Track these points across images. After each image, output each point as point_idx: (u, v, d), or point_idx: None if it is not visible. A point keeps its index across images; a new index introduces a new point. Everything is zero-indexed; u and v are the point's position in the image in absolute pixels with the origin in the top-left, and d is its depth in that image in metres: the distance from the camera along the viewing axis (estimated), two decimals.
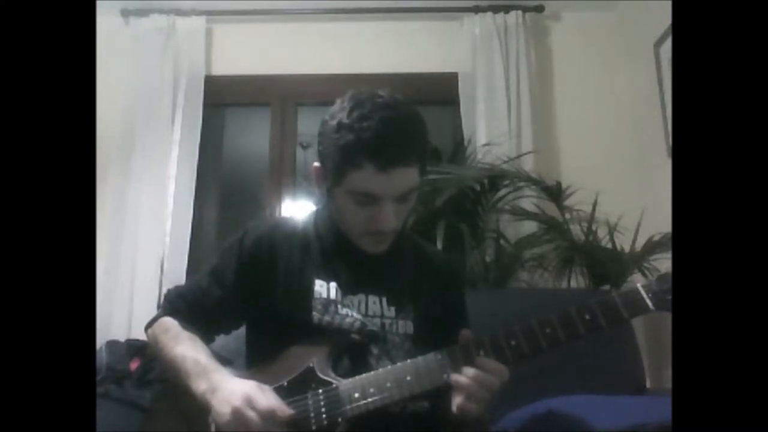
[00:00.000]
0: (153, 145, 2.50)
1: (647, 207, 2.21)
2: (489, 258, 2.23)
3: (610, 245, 2.15)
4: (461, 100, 2.61)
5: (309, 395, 0.98)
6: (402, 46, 2.74)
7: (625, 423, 1.08)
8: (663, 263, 1.99)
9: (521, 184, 2.27)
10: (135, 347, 1.85)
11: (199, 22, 2.66)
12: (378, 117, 0.96)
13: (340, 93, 1.05)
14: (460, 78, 2.63)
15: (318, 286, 1.07)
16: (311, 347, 1.03)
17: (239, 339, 1.17)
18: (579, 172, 2.48)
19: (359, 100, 0.99)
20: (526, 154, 2.46)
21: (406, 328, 1.09)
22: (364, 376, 0.98)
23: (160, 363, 1.18)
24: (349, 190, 1.00)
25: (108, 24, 2.54)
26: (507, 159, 2.36)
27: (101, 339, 1.99)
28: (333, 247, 1.12)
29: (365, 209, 1.01)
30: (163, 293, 1.37)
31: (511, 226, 2.39)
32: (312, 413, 0.96)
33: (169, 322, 1.10)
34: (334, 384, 0.98)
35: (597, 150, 2.60)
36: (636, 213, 2.18)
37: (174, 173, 2.49)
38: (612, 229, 2.16)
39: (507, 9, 2.65)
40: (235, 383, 0.95)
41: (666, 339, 2.07)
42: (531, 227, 2.36)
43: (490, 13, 2.65)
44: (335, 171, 1.00)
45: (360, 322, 1.06)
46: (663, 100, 2.29)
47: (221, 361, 1.04)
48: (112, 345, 1.90)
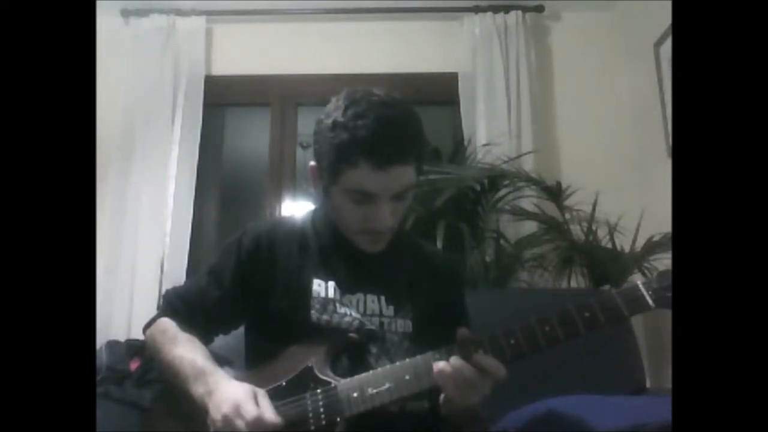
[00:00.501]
0: (153, 145, 2.50)
1: (647, 207, 2.21)
2: (489, 258, 2.23)
3: (610, 245, 2.15)
4: (461, 100, 2.61)
5: (307, 395, 0.98)
6: (402, 46, 2.74)
7: (625, 423, 1.07)
8: (663, 263, 1.98)
9: (521, 184, 2.27)
10: (135, 347, 1.85)
11: (199, 22, 2.66)
12: (373, 115, 0.95)
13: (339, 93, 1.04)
14: (460, 78, 2.63)
15: (316, 285, 1.07)
16: (310, 347, 1.03)
17: (239, 338, 1.17)
18: (579, 172, 2.49)
19: (354, 98, 0.99)
20: (526, 154, 2.46)
21: (404, 327, 1.08)
22: (362, 375, 0.98)
23: (158, 364, 1.18)
24: (345, 188, 1.00)
25: (108, 24, 2.54)
26: (507, 159, 2.36)
27: (101, 339, 1.99)
28: (331, 247, 1.12)
29: (362, 208, 1.01)
30: (162, 294, 1.36)
31: (511, 226, 2.39)
32: (310, 413, 0.96)
33: (168, 323, 1.10)
34: (332, 384, 0.98)
35: (597, 150, 2.60)
36: (636, 213, 2.18)
37: (174, 173, 2.50)
38: (612, 229, 2.16)
39: (507, 9, 2.65)
40: (230, 387, 0.95)
41: (666, 338, 2.07)
42: (531, 227, 2.36)
43: (490, 13, 2.65)
44: (331, 170, 1.00)
45: (358, 321, 1.05)
46: (663, 100, 2.29)
47: (221, 361, 1.04)
48: (112, 345, 1.90)
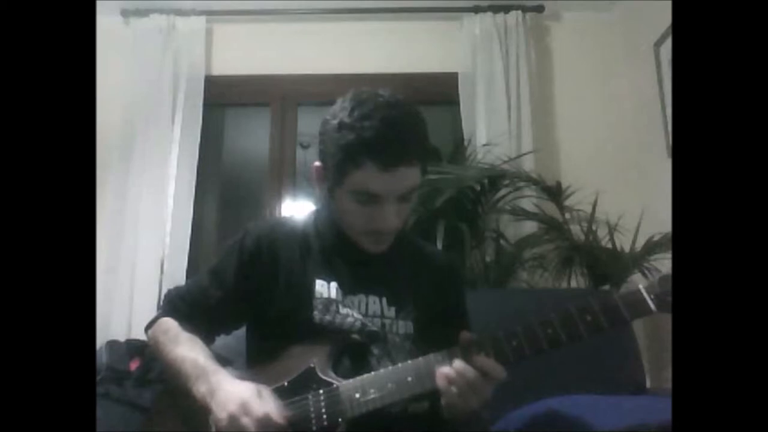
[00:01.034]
0: (153, 145, 2.50)
1: (647, 207, 2.22)
2: (489, 258, 2.24)
3: (610, 245, 2.14)
4: (461, 100, 2.61)
5: (309, 395, 0.98)
6: (402, 46, 2.74)
7: (625, 423, 1.07)
8: (663, 263, 1.98)
9: (521, 184, 2.27)
10: (135, 347, 1.85)
11: (199, 22, 2.66)
12: (379, 116, 0.95)
13: (340, 93, 1.04)
14: (460, 78, 2.63)
15: (318, 285, 1.07)
16: (312, 347, 1.03)
17: (239, 339, 1.17)
18: (579, 172, 2.49)
19: (360, 99, 0.99)
20: (526, 154, 2.46)
21: (406, 328, 1.09)
22: (364, 376, 0.98)
23: (160, 364, 1.17)
24: (351, 189, 0.99)
25: (108, 24, 2.54)
26: (507, 159, 2.36)
27: (101, 339, 2.00)
28: (333, 247, 1.12)
29: (366, 209, 1.01)
30: (163, 293, 1.36)
31: (511, 226, 2.39)
32: (312, 414, 0.96)
33: (169, 322, 1.10)
34: (334, 384, 0.98)
35: (597, 150, 2.60)
36: (636, 213, 2.18)
37: (174, 173, 2.49)
38: (612, 229, 2.16)
39: (507, 9, 2.65)
40: (234, 386, 0.95)
41: (666, 339, 2.07)
42: (531, 227, 2.36)
43: (490, 13, 2.65)
44: (336, 170, 1.00)
45: (360, 322, 1.05)
46: (663, 100, 2.29)
47: (221, 362, 1.03)
48: (112, 345, 1.90)
